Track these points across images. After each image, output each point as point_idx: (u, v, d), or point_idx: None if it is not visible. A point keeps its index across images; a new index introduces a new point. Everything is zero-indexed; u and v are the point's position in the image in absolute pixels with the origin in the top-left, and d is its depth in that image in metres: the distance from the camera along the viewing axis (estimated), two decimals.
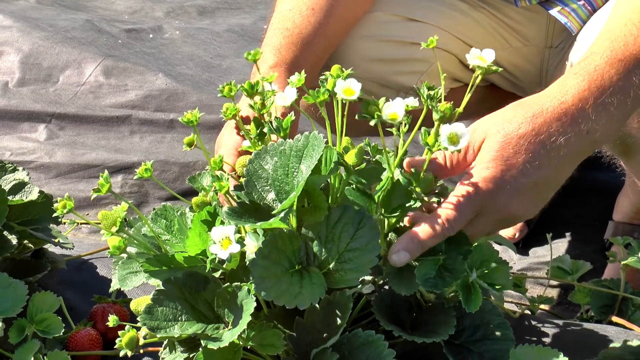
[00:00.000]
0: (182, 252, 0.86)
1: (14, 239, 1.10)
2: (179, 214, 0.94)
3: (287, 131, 0.86)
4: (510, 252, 1.65)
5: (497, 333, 0.92)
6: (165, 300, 0.85)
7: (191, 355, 0.88)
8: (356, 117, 0.83)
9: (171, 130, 1.96)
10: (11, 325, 1.02)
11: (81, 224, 1.73)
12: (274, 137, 0.90)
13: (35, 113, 1.99)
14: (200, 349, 0.83)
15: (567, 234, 1.69)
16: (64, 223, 1.58)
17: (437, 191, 0.85)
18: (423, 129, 0.84)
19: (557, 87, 0.89)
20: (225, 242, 0.79)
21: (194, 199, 0.86)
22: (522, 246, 1.67)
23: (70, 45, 2.15)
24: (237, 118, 0.91)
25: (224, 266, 0.86)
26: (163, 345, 0.95)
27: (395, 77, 1.32)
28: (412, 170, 0.84)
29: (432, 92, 0.87)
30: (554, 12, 1.30)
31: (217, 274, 0.88)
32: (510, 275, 1.34)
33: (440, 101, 0.87)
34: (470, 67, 0.86)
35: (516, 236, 1.68)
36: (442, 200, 0.86)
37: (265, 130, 0.90)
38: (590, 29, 1.25)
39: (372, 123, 0.82)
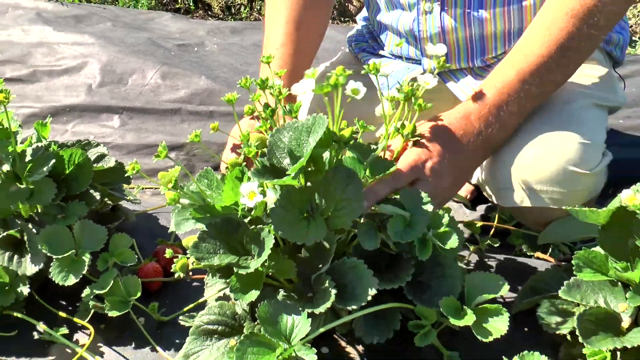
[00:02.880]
0: (219, 203, 0.86)
1: (97, 196, 1.11)
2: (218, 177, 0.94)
3: (297, 113, 0.85)
4: (463, 208, 1.65)
5: (449, 272, 0.90)
6: (208, 238, 0.85)
7: (227, 281, 0.89)
8: (324, 90, 0.78)
9: (211, 119, 1.96)
10: (97, 258, 1.03)
11: (146, 188, 1.73)
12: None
13: (111, 107, 1.99)
14: (233, 275, 0.85)
15: None
16: (133, 188, 1.59)
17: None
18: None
19: (477, 96, 0.92)
20: (251, 194, 0.79)
21: (229, 160, 0.86)
22: (472, 204, 1.67)
23: (136, 56, 2.14)
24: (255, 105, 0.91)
25: (252, 214, 0.87)
26: (206, 274, 0.96)
27: None
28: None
29: (413, 88, 0.87)
30: (451, 85, 1.17)
31: (246, 220, 0.88)
32: (463, 222, 1.34)
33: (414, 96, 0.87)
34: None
35: (468, 197, 1.68)
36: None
37: (280, 112, 0.89)
38: None
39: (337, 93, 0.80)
